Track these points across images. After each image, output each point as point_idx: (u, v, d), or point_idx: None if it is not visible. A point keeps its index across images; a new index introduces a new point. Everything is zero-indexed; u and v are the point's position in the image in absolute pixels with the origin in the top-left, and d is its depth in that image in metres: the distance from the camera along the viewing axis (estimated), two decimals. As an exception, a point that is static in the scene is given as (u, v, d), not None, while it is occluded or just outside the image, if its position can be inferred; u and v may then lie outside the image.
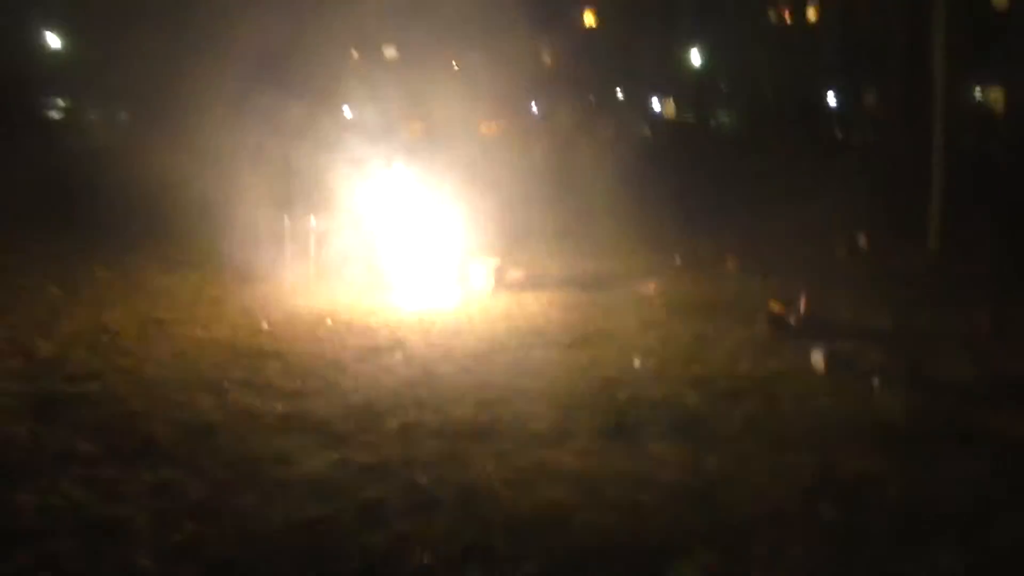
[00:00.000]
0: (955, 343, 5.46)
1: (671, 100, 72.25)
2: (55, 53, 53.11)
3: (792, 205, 13.13)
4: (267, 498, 3.29)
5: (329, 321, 6.02)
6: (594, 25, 75.69)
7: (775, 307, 5.94)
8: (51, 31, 52.67)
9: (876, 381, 4.68)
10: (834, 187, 13.88)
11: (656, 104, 72.50)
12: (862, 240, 9.09)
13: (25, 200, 10.32)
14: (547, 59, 74.94)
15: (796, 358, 5.09)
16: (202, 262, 7.82)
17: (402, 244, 7.18)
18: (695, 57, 65.95)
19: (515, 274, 7.32)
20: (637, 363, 5.02)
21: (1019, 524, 3.10)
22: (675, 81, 68.23)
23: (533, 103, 67.64)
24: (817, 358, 4.98)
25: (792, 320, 5.76)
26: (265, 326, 5.87)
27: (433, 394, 4.47)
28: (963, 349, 5.30)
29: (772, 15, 68.66)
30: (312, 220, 7.35)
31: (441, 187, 7.82)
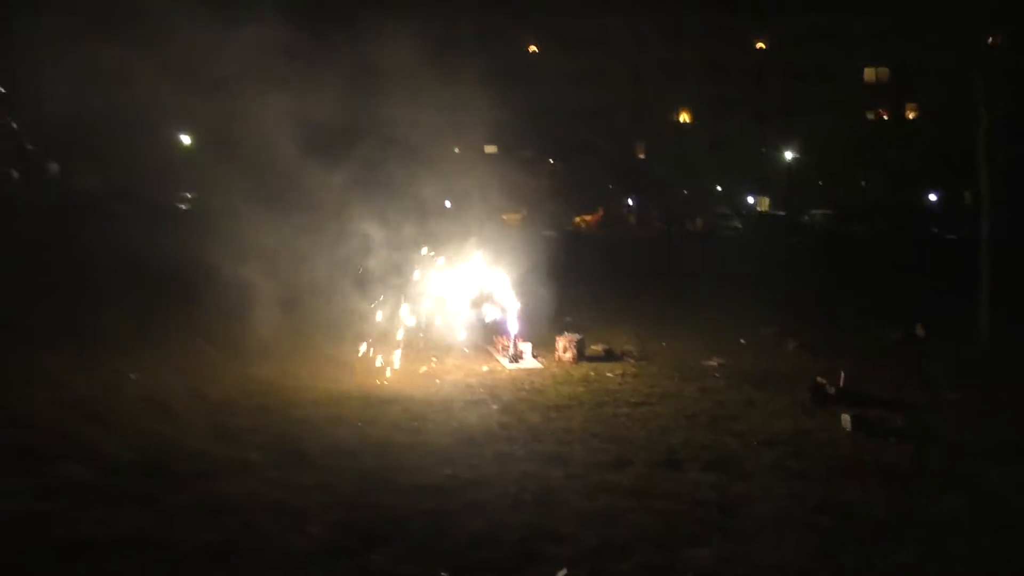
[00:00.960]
0: (972, 413, 6.29)
1: (766, 195, 72.84)
2: (184, 149, 57.57)
3: (867, 293, 13.94)
4: (396, 495, 4.44)
5: (438, 380, 7.24)
6: (688, 120, 77.34)
7: (818, 379, 6.87)
8: (182, 131, 57.24)
9: (892, 439, 5.58)
10: (910, 279, 14.63)
11: (751, 198, 73.18)
12: (919, 328, 9.88)
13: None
14: (642, 154, 76.68)
15: (828, 420, 6.03)
16: (327, 330, 9.17)
17: (502, 318, 8.40)
18: (788, 154, 66.67)
19: (596, 347, 8.45)
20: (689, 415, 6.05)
21: (964, 539, 4.00)
22: (771, 176, 68.89)
23: (628, 198, 69.11)
24: (845, 419, 5.90)
25: (831, 390, 6.67)
26: (385, 382, 7.13)
27: (521, 432, 5.60)
28: (976, 418, 6.14)
29: (870, 114, 69.09)
30: (424, 297, 8.67)
31: (538, 270, 9.07)
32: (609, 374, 7.58)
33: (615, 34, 72.12)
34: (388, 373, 7.51)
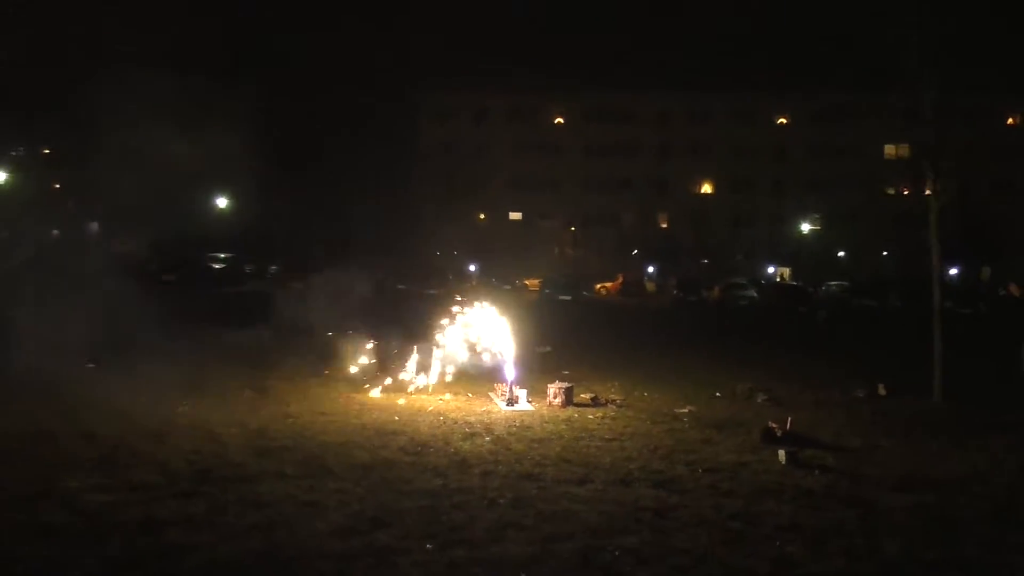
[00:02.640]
0: (895, 456, 7.38)
1: (786, 266, 73.82)
2: (220, 213, 59.91)
3: (849, 358, 15.02)
4: (398, 497, 5.62)
5: (441, 417, 8.44)
6: (711, 192, 78.82)
7: (770, 424, 7.98)
8: (219, 195, 59.61)
9: (816, 472, 6.69)
10: (901, 346, 15.67)
11: (771, 268, 74.13)
12: (881, 388, 10.96)
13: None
14: (664, 224, 77.99)
15: (769, 456, 7.13)
16: (346, 377, 10.43)
17: (501, 366, 9.62)
18: (805, 227, 67.78)
19: (584, 395, 9.63)
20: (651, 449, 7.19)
21: (845, 540, 5.10)
22: (791, 248, 70.01)
23: (649, 266, 70.29)
24: (781, 454, 7.01)
25: (779, 433, 7.78)
26: (396, 418, 8.34)
27: (507, 458, 6.77)
28: (896, 460, 7.23)
29: (890, 190, 70.29)
30: (434, 348, 9.93)
31: (548, 330, 10.32)
32: (590, 416, 8.74)
33: (642, 110, 74.44)
34: (400, 409, 8.74)
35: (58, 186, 72.79)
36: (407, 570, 4.34)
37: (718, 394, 10.58)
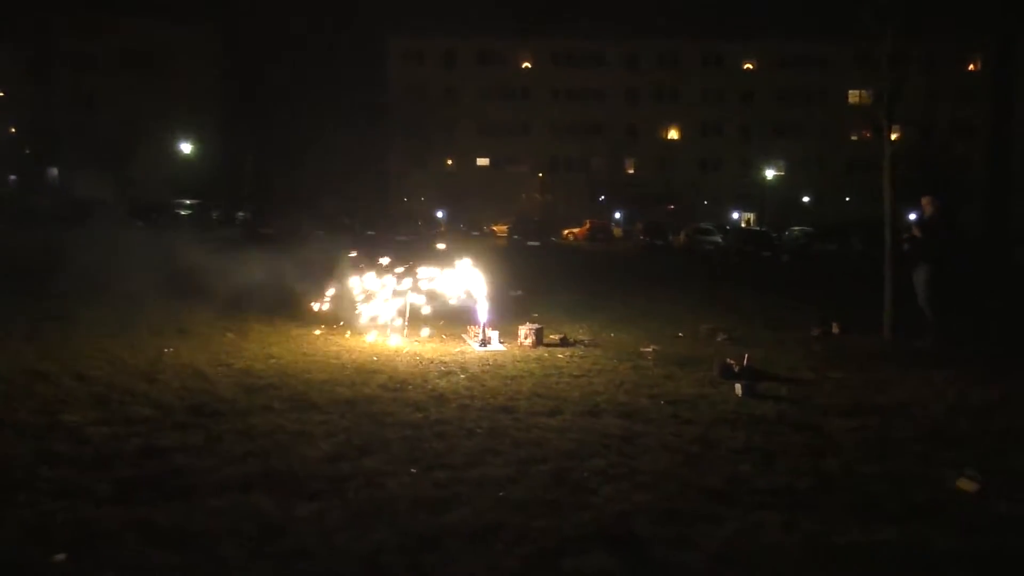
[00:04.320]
0: (845, 387, 7.93)
1: (751, 211, 74.71)
2: (185, 159, 59.24)
3: (807, 300, 15.63)
4: (381, 427, 6.03)
5: (417, 358, 8.84)
6: (678, 138, 79.08)
7: (728, 360, 8.48)
8: (185, 140, 58.91)
9: (770, 402, 7.20)
10: (857, 286, 16.29)
11: (736, 214, 74.97)
12: (835, 327, 11.53)
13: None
14: (631, 169, 78.41)
15: (726, 389, 7.64)
16: (327, 321, 10.76)
17: (474, 310, 10.01)
18: (770, 172, 68.54)
19: (553, 336, 10.07)
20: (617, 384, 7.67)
21: (792, 459, 5.61)
22: (757, 194, 70.85)
23: (616, 212, 70.72)
24: (737, 387, 7.52)
25: (736, 368, 8.28)
26: (375, 358, 8.73)
27: (482, 393, 7.20)
28: (845, 390, 7.77)
29: (854, 135, 70.96)
30: (409, 293, 10.27)
31: (517, 275, 10.69)
32: (560, 355, 9.20)
33: (610, 54, 74.21)
34: (378, 351, 9.12)
35: (13, 131, 71.42)
36: (395, 490, 4.76)
37: (681, 334, 11.10)
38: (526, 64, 75.02)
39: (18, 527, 4.02)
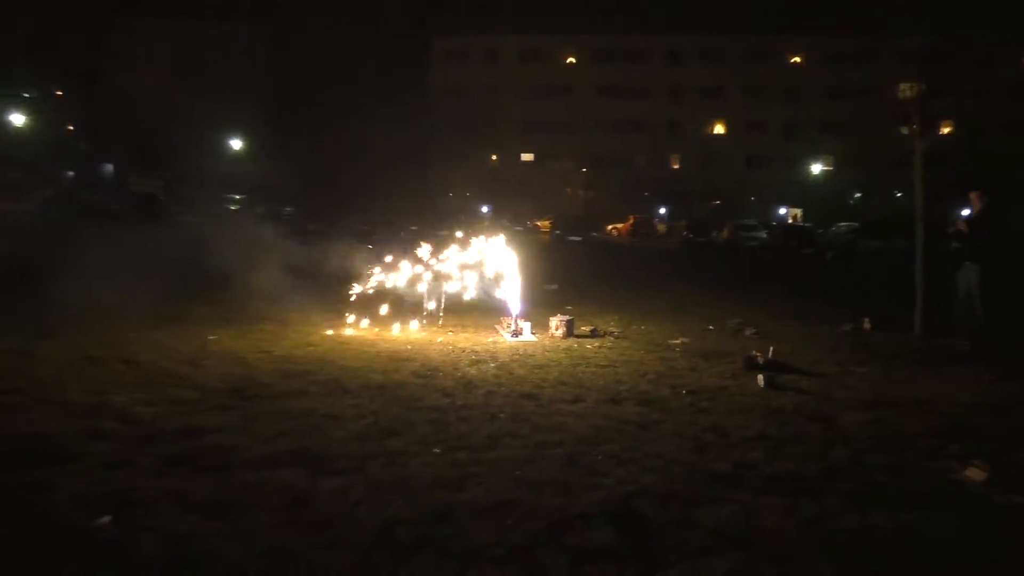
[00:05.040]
0: (866, 381, 8.03)
1: (799, 207, 73.81)
2: (235, 155, 60.38)
3: (843, 295, 15.62)
4: (409, 411, 6.32)
5: (450, 347, 9.14)
6: (724, 133, 78.37)
7: (753, 352, 8.63)
8: (236, 137, 60.04)
9: (790, 394, 7.35)
10: (888, 286, 16.25)
11: (783, 210, 74.15)
12: (866, 323, 11.58)
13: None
14: (676, 164, 77.92)
15: (748, 380, 7.80)
16: (362, 312, 11.11)
17: (508, 300, 10.28)
18: (816, 168, 67.70)
19: (584, 328, 10.31)
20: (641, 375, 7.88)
21: (803, 448, 5.78)
22: (804, 189, 70.02)
23: (661, 207, 70.44)
24: (760, 379, 7.67)
25: (760, 360, 8.43)
26: (409, 347, 9.04)
27: (509, 381, 7.47)
28: (866, 385, 7.88)
29: (904, 130, 69.81)
30: (444, 284, 10.58)
31: (559, 266, 10.93)
32: (588, 346, 9.43)
33: (653, 50, 73.91)
34: (413, 340, 9.44)
35: (71, 128, 73.48)
36: (417, 468, 5.03)
37: (711, 328, 11.25)
38: (570, 60, 75.05)
39: (68, 494, 4.38)
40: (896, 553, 4.12)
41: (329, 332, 9.97)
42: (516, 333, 9.83)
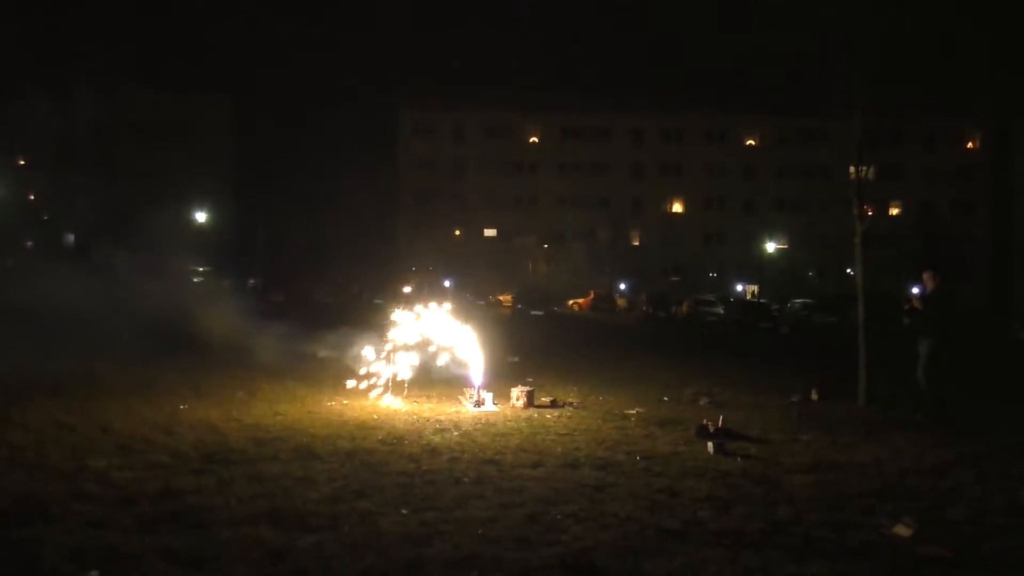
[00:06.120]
0: (811, 448, 8.50)
1: (755, 284, 75.42)
2: (200, 228, 60.57)
3: (793, 367, 16.21)
4: (377, 476, 6.64)
5: (414, 416, 9.47)
6: (682, 211, 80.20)
7: (705, 421, 9.08)
8: (200, 210, 60.36)
9: (739, 459, 7.78)
10: (838, 360, 16.88)
11: (740, 286, 75.64)
12: (814, 392, 12.13)
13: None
14: (636, 241, 79.31)
15: (699, 447, 8.22)
16: (331, 383, 11.42)
17: (470, 372, 10.66)
18: (771, 246, 69.44)
19: (544, 398, 10.71)
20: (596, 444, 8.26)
21: (749, 507, 6.19)
22: (760, 266, 71.66)
23: (621, 282, 71.38)
24: (709, 445, 8.10)
25: (712, 428, 8.87)
26: (375, 416, 9.36)
27: (472, 447, 7.82)
28: (810, 451, 8.34)
29: (855, 209, 72.21)
30: (409, 358, 10.94)
31: (520, 339, 11.37)
32: (548, 416, 9.81)
33: (616, 129, 76.06)
34: (379, 410, 9.75)
35: (32, 197, 73.26)
36: (386, 527, 5.35)
37: (666, 398, 11.70)
38: (534, 139, 76.86)
39: (56, 550, 4.64)
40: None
41: (323, 393, 10.28)
42: (478, 403, 10.18)
